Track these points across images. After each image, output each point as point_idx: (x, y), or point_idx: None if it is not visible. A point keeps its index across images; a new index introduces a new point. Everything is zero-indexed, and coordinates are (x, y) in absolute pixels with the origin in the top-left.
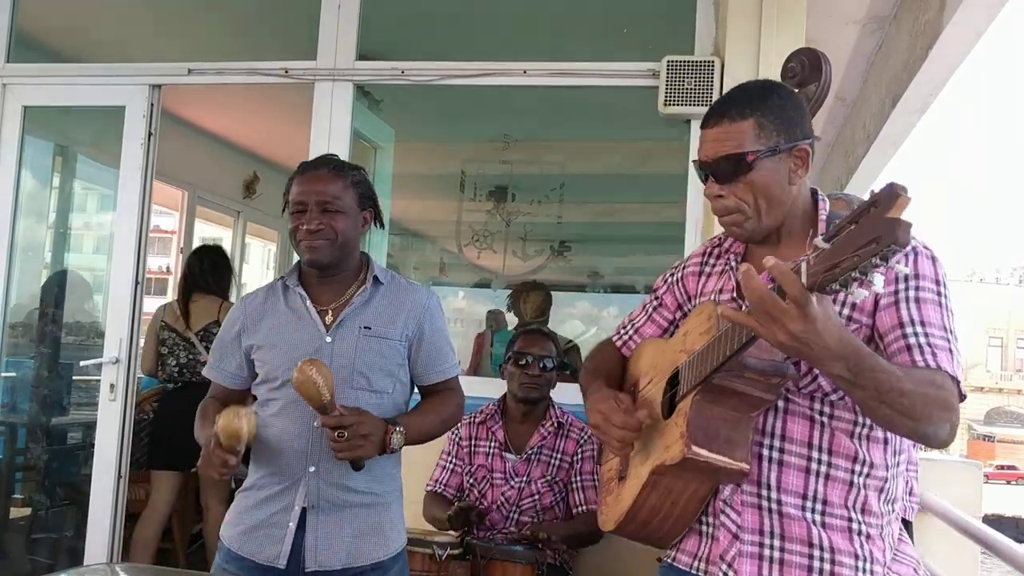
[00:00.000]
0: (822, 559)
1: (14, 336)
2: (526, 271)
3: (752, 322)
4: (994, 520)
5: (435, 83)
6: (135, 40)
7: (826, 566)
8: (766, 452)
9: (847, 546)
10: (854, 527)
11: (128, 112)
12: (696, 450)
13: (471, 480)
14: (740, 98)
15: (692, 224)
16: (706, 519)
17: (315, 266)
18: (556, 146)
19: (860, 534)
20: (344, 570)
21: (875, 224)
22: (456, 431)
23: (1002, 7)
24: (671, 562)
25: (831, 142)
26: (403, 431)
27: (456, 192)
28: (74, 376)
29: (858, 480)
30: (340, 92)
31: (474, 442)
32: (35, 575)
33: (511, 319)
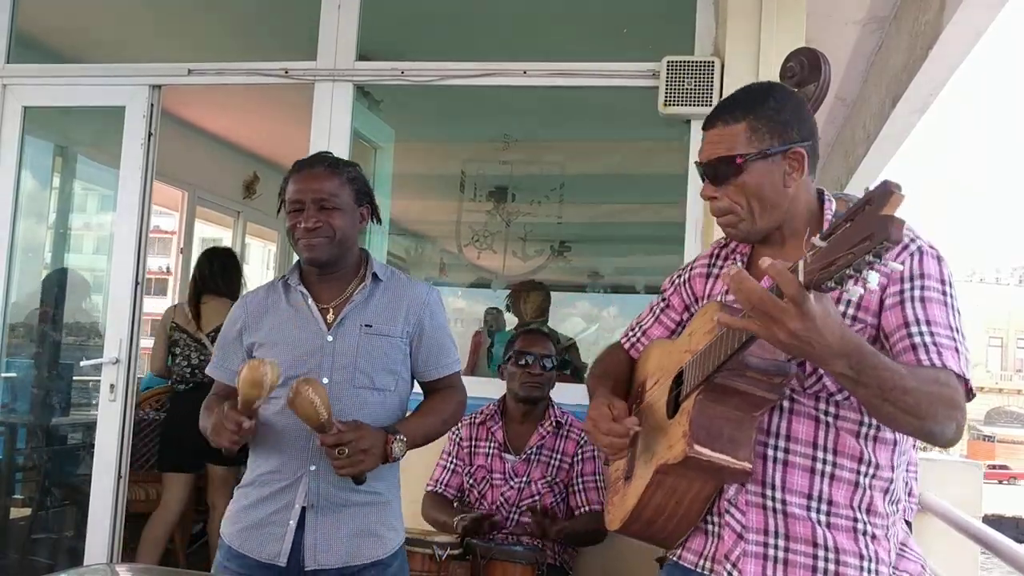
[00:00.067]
0: (826, 559)
1: (14, 336)
2: (526, 271)
3: (751, 325)
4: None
5: (435, 83)
6: (135, 40)
7: (830, 566)
8: (771, 452)
9: (852, 546)
10: (859, 527)
11: (128, 112)
12: (698, 449)
13: (471, 481)
14: (736, 101)
15: (692, 224)
16: (711, 518)
17: (314, 264)
18: (556, 146)
19: (865, 534)
20: (343, 568)
21: (869, 222)
22: (456, 431)
23: (1002, 7)
24: (677, 560)
25: (831, 142)
26: (404, 439)
27: (456, 192)
28: (74, 376)
29: (864, 481)
30: (340, 92)
31: (474, 443)
32: (35, 575)
33: (510, 319)
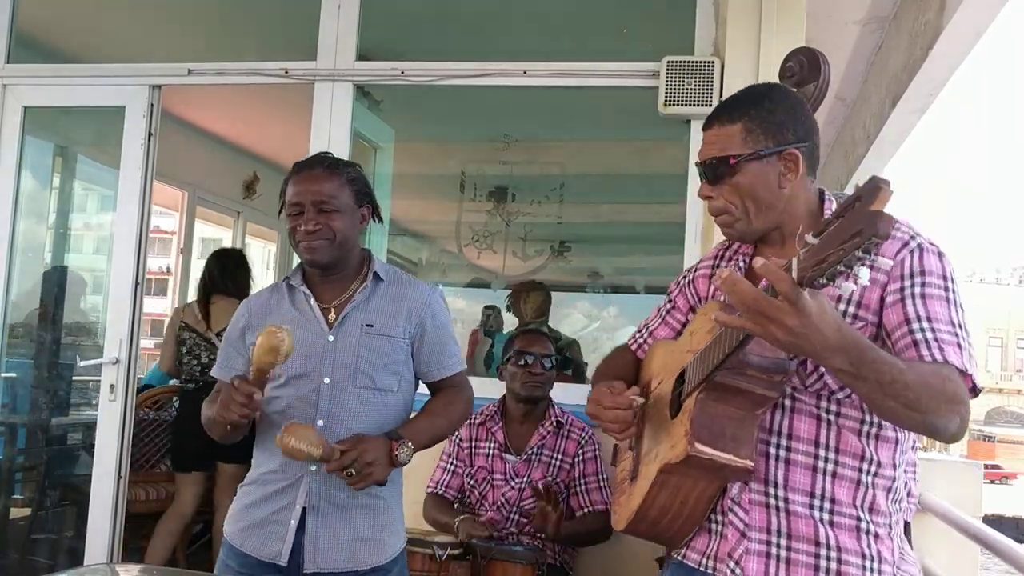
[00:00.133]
0: (828, 558)
1: (14, 336)
2: (526, 271)
3: (748, 324)
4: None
5: (435, 83)
6: (135, 40)
7: (832, 565)
8: (773, 450)
9: (854, 545)
10: (862, 526)
11: (128, 112)
12: (700, 447)
13: (471, 481)
14: (734, 102)
15: (692, 224)
16: (715, 517)
17: (315, 266)
18: (556, 146)
19: (868, 533)
20: (342, 573)
21: (859, 217)
22: (456, 432)
23: (1002, 7)
24: (681, 559)
25: (831, 142)
26: (410, 444)
27: (456, 192)
28: (74, 376)
29: (866, 479)
30: (340, 92)
31: (474, 443)
32: (35, 575)
33: (511, 319)
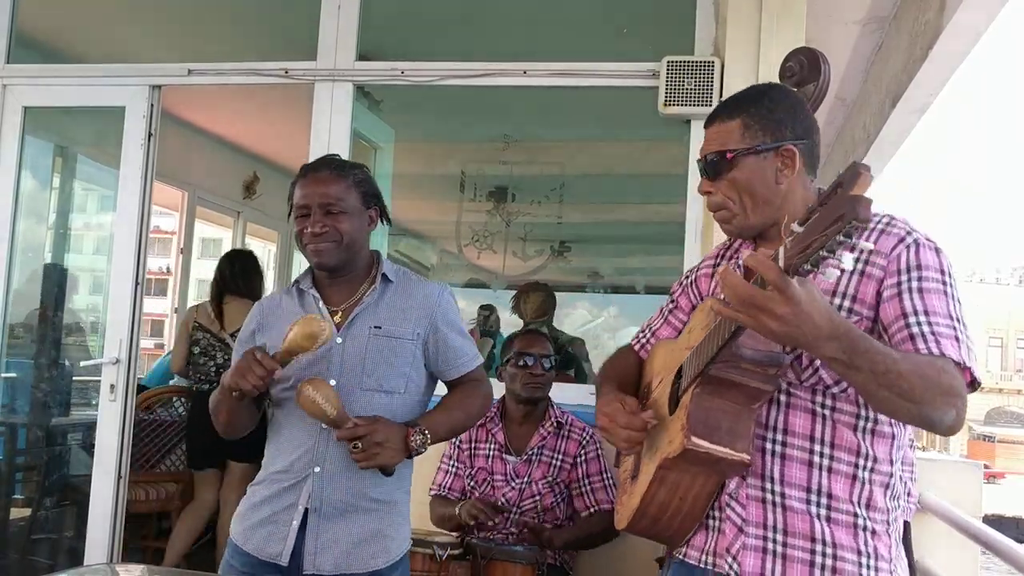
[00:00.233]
0: (824, 554)
1: (14, 336)
2: (526, 271)
3: (741, 316)
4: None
5: (435, 83)
6: (135, 40)
7: (828, 561)
8: (769, 446)
9: (850, 542)
10: (859, 523)
11: (128, 113)
12: (696, 441)
13: (472, 483)
14: (735, 100)
15: (692, 224)
16: (713, 513)
17: (323, 269)
18: (556, 146)
19: (865, 530)
20: None
21: (840, 203)
22: None
23: (1002, 7)
24: (682, 558)
25: (831, 142)
26: (426, 432)
27: (456, 192)
28: (74, 376)
29: (862, 475)
30: (340, 93)
31: (474, 445)
32: (35, 575)
33: (514, 320)
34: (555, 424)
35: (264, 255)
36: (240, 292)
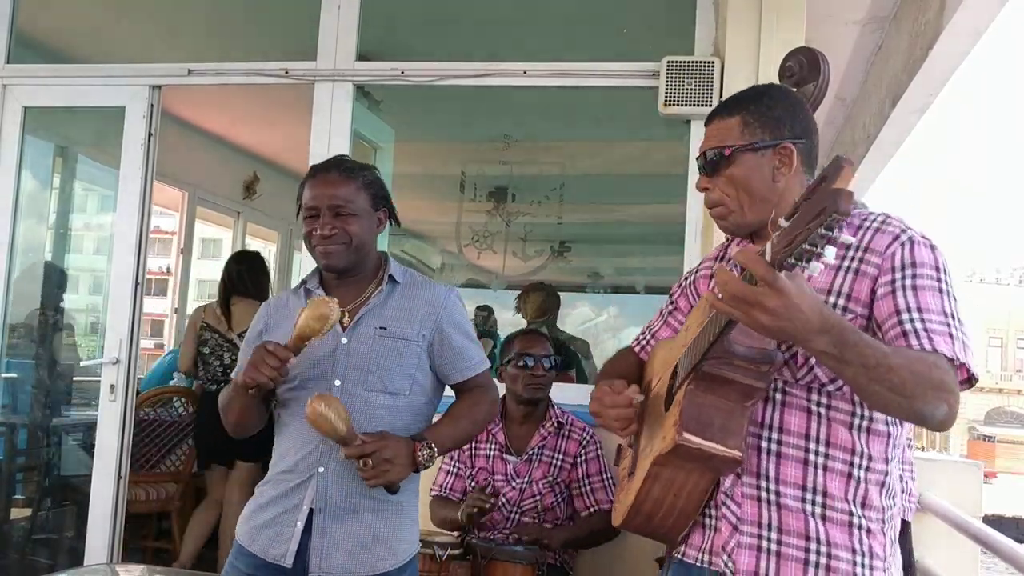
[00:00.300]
0: (819, 552)
1: (14, 336)
2: (526, 272)
3: (733, 311)
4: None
5: (435, 83)
6: (135, 40)
7: (822, 559)
8: (764, 444)
9: (845, 541)
10: (854, 521)
11: (128, 113)
12: (687, 437)
13: (472, 483)
14: (735, 98)
15: (692, 224)
16: (709, 511)
17: (331, 270)
18: (556, 146)
19: (860, 528)
20: None
21: (823, 196)
22: None
23: (1002, 7)
24: (681, 558)
25: (831, 142)
26: (433, 446)
27: (456, 192)
28: (74, 376)
29: (858, 473)
30: (340, 93)
31: (475, 445)
32: (35, 575)
33: (514, 320)
34: (555, 424)
35: (264, 255)
36: (248, 293)
